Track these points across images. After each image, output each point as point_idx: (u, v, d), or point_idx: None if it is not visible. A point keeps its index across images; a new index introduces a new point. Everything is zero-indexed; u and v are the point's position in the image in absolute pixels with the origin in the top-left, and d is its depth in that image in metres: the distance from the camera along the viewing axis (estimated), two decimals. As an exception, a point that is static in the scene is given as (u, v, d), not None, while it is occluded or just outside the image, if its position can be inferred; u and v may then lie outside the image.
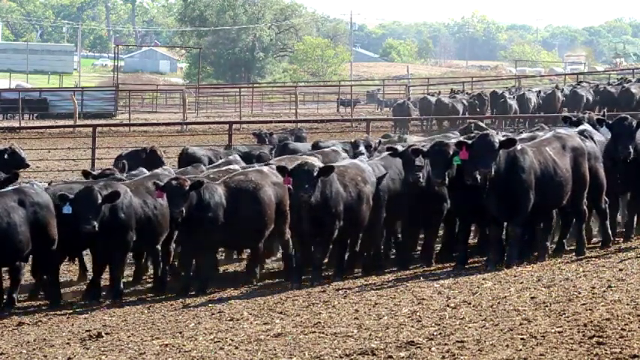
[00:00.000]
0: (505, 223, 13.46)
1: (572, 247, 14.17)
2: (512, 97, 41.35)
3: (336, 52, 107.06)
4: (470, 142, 13.20)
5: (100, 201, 12.83)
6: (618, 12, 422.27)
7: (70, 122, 43.55)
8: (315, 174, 13.01)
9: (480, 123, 24.32)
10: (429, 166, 13.67)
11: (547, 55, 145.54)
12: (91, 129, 29.68)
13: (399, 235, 14.79)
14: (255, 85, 77.71)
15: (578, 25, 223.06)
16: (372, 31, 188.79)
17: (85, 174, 15.54)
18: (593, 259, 13.20)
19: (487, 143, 12.90)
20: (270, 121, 39.12)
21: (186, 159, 19.15)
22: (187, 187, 13.03)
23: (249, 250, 14.84)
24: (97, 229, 12.71)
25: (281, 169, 13.36)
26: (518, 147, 13.15)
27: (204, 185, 13.33)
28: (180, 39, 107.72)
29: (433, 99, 43.30)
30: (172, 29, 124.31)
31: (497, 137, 13.23)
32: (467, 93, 47.71)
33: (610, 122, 14.44)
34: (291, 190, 13.20)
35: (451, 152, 13.30)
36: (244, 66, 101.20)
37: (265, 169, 14.41)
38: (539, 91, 42.44)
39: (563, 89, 43.17)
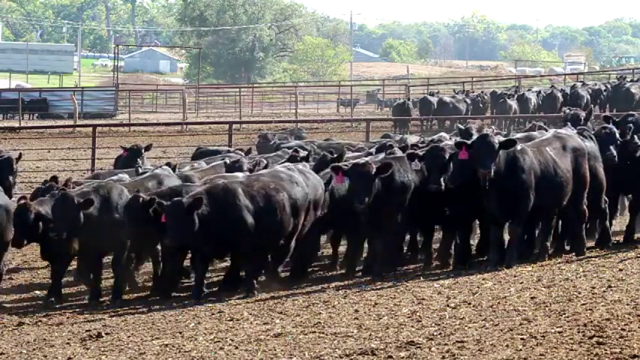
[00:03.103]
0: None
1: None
2: (512, 97, 41.31)
3: (336, 52, 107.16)
4: (469, 142, 13.19)
5: (74, 210, 12.68)
6: (618, 12, 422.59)
7: (70, 122, 43.60)
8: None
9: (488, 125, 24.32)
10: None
11: (547, 55, 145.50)
12: (91, 129, 29.69)
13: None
14: (255, 85, 77.75)
15: (578, 25, 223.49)
16: (372, 31, 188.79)
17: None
18: (593, 259, 13.20)
19: (487, 144, 12.88)
20: (270, 121, 39.13)
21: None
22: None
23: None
24: (64, 237, 12.65)
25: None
26: (519, 147, 13.15)
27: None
28: (180, 39, 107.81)
29: (434, 99, 43.29)
30: (172, 29, 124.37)
31: (497, 138, 13.21)
32: (470, 92, 47.68)
33: (617, 120, 14.52)
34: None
35: (447, 156, 13.28)
36: (244, 66, 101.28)
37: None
38: (539, 92, 42.44)
39: (562, 89, 43.19)
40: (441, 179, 13.16)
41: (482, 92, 46.27)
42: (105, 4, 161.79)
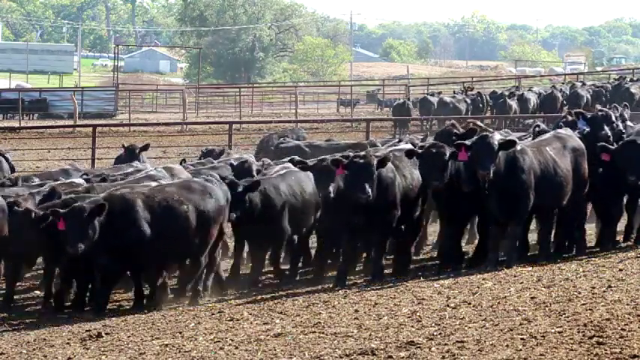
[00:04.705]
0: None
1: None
2: (512, 97, 41.25)
3: (336, 52, 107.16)
4: (469, 143, 13.14)
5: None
6: (618, 12, 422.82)
7: (70, 122, 43.63)
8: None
9: (480, 123, 24.22)
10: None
11: (547, 55, 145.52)
12: (91, 129, 29.71)
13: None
14: (255, 85, 77.73)
15: (578, 25, 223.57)
16: (372, 31, 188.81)
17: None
18: (593, 259, 13.20)
19: (486, 145, 12.84)
20: (270, 121, 39.13)
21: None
22: (87, 214, 11.91)
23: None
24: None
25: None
26: (518, 147, 13.14)
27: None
28: (180, 39, 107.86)
29: (434, 99, 43.25)
30: (172, 29, 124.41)
31: (497, 139, 13.17)
32: (469, 88, 47.61)
33: (588, 116, 14.56)
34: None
35: (447, 154, 13.23)
36: (244, 66, 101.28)
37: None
38: (540, 94, 42.40)
39: (562, 89, 43.18)
40: (443, 177, 13.08)
41: (480, 92, 46.01)
42: (105, 4, 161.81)
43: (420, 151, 13.44)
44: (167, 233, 12.29)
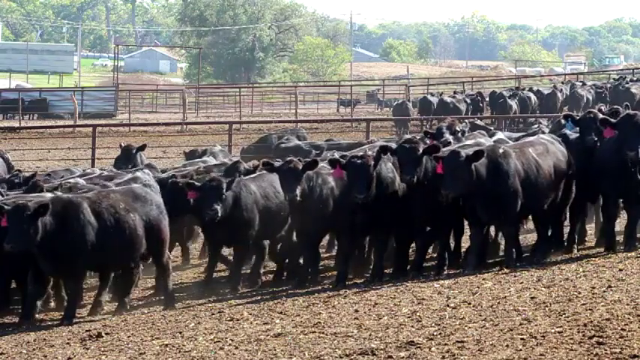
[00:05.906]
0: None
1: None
2: (513, 97, 41.22)
3: (336, 52, 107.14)
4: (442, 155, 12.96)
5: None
6: (618, 12, 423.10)
7: (70, 122, 43.66)
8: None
9: (480, 122, 24.22)
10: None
11: (547, 55, 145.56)
12: (91, 129, 29.72)
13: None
14: (255, 85, 77.75)
15: (578, 25, 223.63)
16: (372, 31, 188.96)
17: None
18: (593, 259, 13.19)
19: (453, 162, 12.62)
20: (270, 121, 39.15)
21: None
22: (31, 213, 11.62)
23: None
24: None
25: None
26: (501, 150, 13.06)
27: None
28: (180, 39, 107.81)
29: (434, 99, 43.22)
30: (172, 29, 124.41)
31: (465, 151, 12.82)
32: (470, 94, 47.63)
33: (577, 118, 14.55)
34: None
35: (420, 150, 13.06)
36: (244, 66, 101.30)
37: None
38: (539, 92, 42.40)
39: (562, 89, 43.19)
40: (415, 172, 12.84)
41: (479, 92, 45.94)
42: (105, 4, 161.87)
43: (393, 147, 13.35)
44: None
